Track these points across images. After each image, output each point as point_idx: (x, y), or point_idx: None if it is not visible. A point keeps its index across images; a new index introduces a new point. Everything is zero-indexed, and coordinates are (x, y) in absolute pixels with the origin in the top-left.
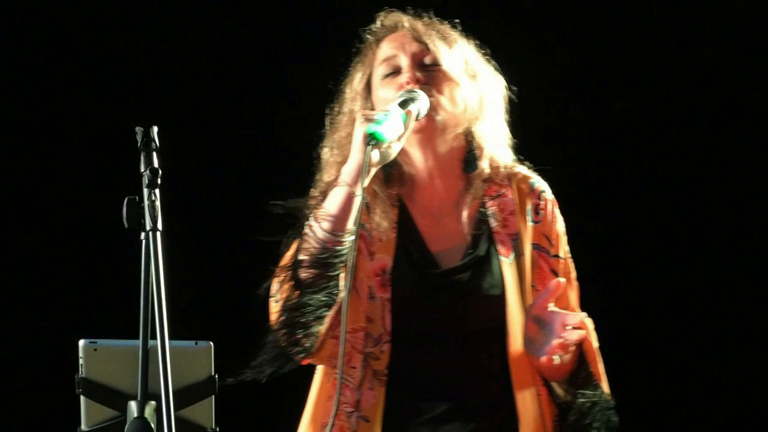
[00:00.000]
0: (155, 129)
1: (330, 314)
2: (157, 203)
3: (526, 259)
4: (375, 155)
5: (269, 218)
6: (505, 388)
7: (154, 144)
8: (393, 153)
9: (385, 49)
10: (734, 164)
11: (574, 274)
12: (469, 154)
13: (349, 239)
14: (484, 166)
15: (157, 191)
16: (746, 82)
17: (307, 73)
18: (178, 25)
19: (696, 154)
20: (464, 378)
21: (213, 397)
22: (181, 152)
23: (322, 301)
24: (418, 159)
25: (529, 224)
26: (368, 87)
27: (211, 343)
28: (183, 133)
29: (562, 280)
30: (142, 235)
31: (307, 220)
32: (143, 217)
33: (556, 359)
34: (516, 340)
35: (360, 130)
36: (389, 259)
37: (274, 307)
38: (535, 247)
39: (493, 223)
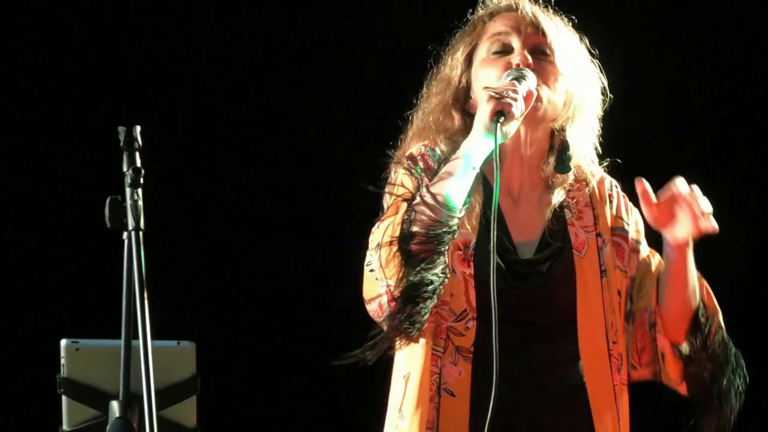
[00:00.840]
0: (138, 128)
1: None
2: (140, 203)
3: (606, 250)
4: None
5: (251, 219)
6: (578, 378)
7: (136, 143)
8: (512, 131)
9: (498, 25)
10: None
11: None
12: (562, 153)
13: (460, 215)
14: (574, 167)
15: (139, 191)
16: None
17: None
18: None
19: None
20: (544, 366)
21: (195, 396)
22: (164, 151)
23: (440, 277)
24: (509, 142)
25: (603, 214)
26: (469, 59)
27: (194, 343)
28: (167, 132)
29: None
30: (125, 234)
31: (419, 190)
32: (125, 217)
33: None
34: (586, 333)
35: (487, 107)
36: (473, 236)
37: (373, 279)
38: (614, 230)
39: (568, 214)
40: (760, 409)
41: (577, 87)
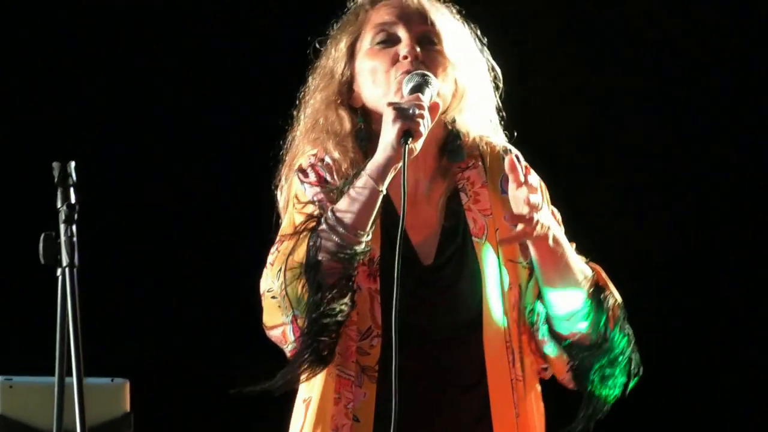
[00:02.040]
0: (72, 164)
1: None
2: (74, 239)
3: (493, 238)
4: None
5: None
6: (481, 372)
7: (71, 179)
8: (419, 147)
9: (383, 14)
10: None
11: (559, 217)
12: (453, 143)
13: (367, 238)
14: (465, 157)
15: (74, 227)
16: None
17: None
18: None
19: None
20: (450, 373)
21: None
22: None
23: (349, 304)
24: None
25: (501, 195)
26: (352, 50)
27: (127, 380)
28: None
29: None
30: (59, 271)
31: (322, 215)
32: (60, 253)
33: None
34: (490, 325)
35: (394, 127)
36: (376, 249)
37: (275, 306)
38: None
39: (464, 198)
40: (761, 409)
41: (467, 76)
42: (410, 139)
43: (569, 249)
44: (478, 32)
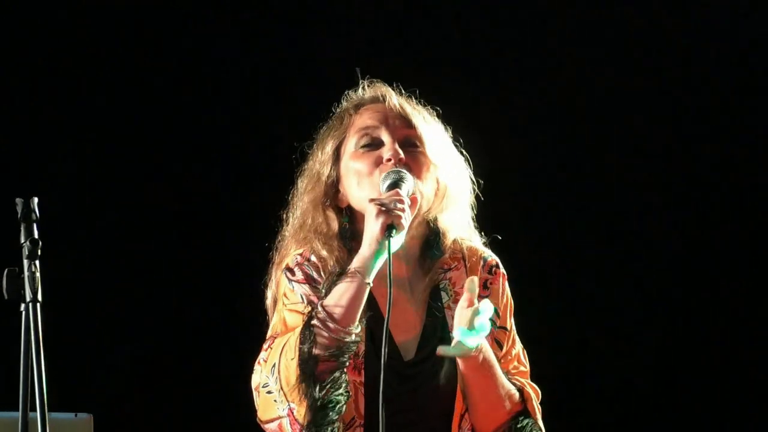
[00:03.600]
0: (35, 200)
1: None
2: (38, 274)
3: None
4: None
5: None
6: None
7: (34, 215)
8: (401, 241)
9: (366, 118)
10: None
11: (518, 346)
12: (432, 240)
13: (357, 330)
14: (446, 255)
15: (37, 262)
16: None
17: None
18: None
19: None
20: None
21: None
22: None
23: (345, 395)
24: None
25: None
26: (337, 153)
27: (91, 415)
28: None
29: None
30: (22, 306)
31: (314, 311)
32: (23, 288)
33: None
34: (459, 418)
35: (377, 222)
36: (361, 344)
37: (271, 401)
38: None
39: (445, 297)
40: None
41: (448, 176)
42: (393, 232)
43: (498, 373)
44: (453, 133)
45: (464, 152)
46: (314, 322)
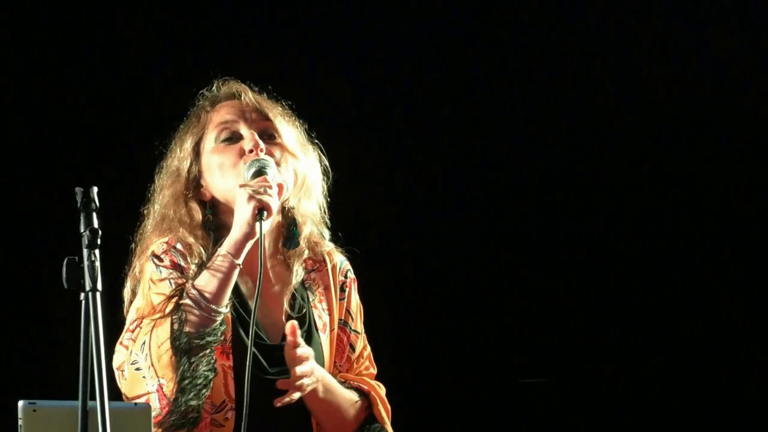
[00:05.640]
0: (95, 189)
1: None
2: (97, 264)
3: (334, 335)
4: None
5: None
6: None
7: (93, 204)
8: (268, 225)
9: (224, 114)
10: None
11: (368, 348)
12: (290, 230)
13: (227, 311)
14: (304, 242)
15: (96, 252)
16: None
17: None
18: None
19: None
20: None
21: None
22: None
23: (213, 372)
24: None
25: (337, 301)
26: (197, 149)
27: (150, 404)
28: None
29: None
30: (82, 295)
31: (185, 290)
32: (83, 278)
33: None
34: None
35: (248, 206)
36: (228, 328)
37: (139, 378)
38: (340, 322)
39: (311, 297)
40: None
41: (304, 167)
42: (264, 215)
43: (340, 394)
44: (307, 126)
45: (319, 144)
46: (186, 301)
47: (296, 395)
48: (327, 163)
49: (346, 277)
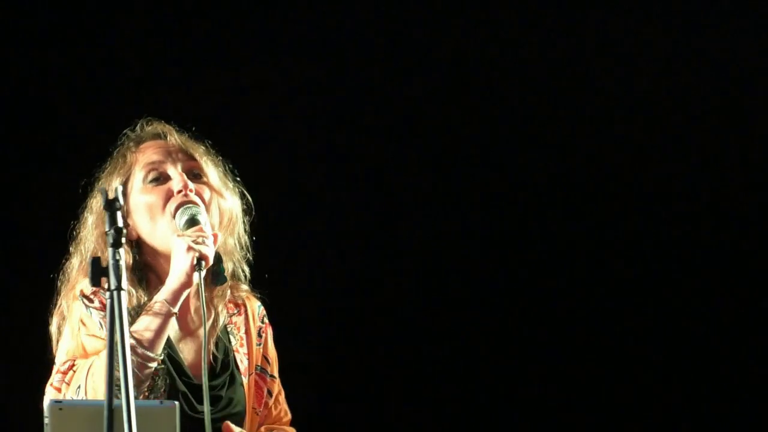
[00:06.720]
0: (120, 188)
1: None
2: (121, 262)
3: (252, 379)
4: (196, 278)
5: None
6: None
7: (117, 203)
8: (204, 273)
9: (151, 154)
10: None
11: (282, 393)
12: (217, 267)
13: (161, 358)
14: (229, 279)
15: (121, 250)
16: None
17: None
18: None
19: None
20: None
21: None
22: None
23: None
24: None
25: (255, 347)
26: (124, 189)
27: (177, 403)
28: None
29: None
30: (107, 294)
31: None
32: (107, 276)
33: None
34: None
35: (187, 257)
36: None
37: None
38: (258, 369)
39: (233, 341)
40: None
41: (228, 204)
42: (202, 264)
43: None
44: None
45: (239, 180)
46: None
47: None
48: (250, 200)
49: (263, 322)
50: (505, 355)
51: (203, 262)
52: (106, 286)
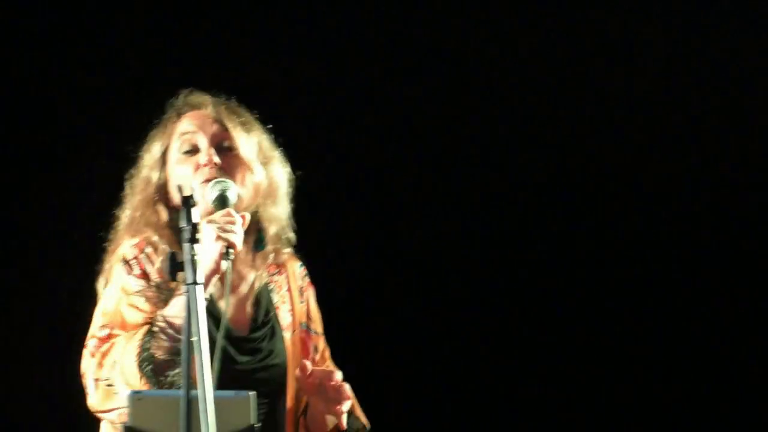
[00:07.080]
0: (196, 185)
1: None
2: (197, 257)
3: (296, 335)
4: (225, 264)
5: None
6: None
7: (193, 200)
8: (230, 263)
9: (185, 124)
10: None
11: (328, 350)
12: (259, 233)
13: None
14: (269, 246)
15: (196, 246)
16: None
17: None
18: None
19: None
20: None
21: None
22: None
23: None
24: None
25: (299, 304)
26: (164, 158)
27: (252, 393)
28: None
29: (308, 364)
30: (183, 288)
31: (155, 320)
32: (184, 271)
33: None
34: (290, 400)
35: (216, 246)
36: None
37: (112, 393)
38: (303, 325)
39: (275, 298)
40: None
41: (264, 174)
42: (231, 253)
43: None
44: (270, 131)
45: (284, 149)
46: (155, 329)
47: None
48: (289, 169)
49: (304, 282)
50: (505, 355)
51: (231, 251)
52: (144, 248)
